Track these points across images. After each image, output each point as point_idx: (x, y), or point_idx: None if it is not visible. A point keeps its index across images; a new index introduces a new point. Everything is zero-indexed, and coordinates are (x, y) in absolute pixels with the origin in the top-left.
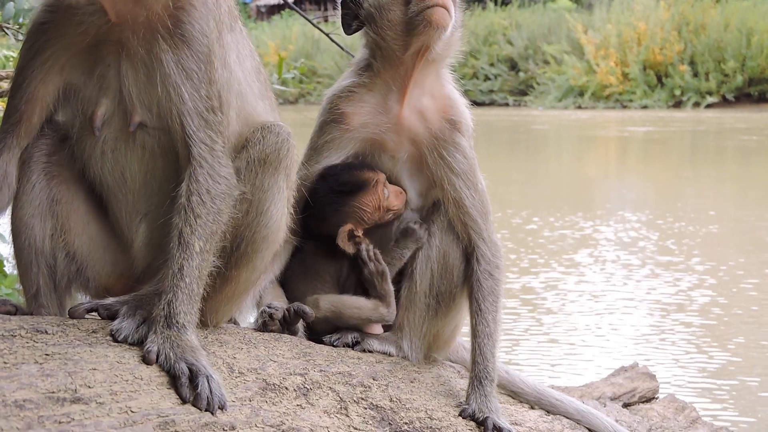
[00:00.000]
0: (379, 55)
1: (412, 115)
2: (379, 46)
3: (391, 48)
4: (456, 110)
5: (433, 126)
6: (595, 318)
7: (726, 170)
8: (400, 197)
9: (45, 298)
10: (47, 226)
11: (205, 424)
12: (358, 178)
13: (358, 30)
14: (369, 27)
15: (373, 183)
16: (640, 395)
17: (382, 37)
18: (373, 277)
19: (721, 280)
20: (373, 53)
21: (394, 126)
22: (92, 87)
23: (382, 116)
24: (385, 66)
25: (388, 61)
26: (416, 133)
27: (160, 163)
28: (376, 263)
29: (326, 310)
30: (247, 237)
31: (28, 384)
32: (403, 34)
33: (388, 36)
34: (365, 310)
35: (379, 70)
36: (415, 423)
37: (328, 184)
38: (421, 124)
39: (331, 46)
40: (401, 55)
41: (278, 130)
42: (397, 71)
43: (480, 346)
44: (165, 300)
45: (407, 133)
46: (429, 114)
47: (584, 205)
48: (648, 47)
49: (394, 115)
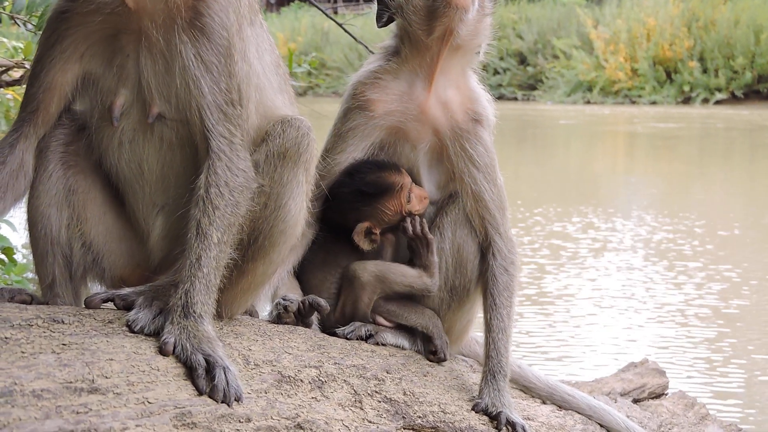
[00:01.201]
0: (406, 40)
1: (437, 105)
2: (406, 31)
3: (416, 33)
4: (480, 104)
5: (456, 118)
6: (605, 313)
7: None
8: (423, 202)
9: (60, 288)
10: (64, 215)
11: (222, 415)
12: (385, 181)
13: (389, 23)
14: (398, 15)
15: (398, 187)
16: (649, 391)
17: (408, 23)
18: (420, 248)
19: (731, 277)
20: (401, 39)
21: (419, 115)
22: (111, 77)
23: (407, 104)
24: (412, 52)
25: (415, 47)
26: (440, 124)
27: (178, 155)
28: (422, 236)
29: (371, 274)
30: (264, 230)
31: (46, 374)
32: (427, 18)
33: (413, 21)
34: (410, 277)
35: (406, 56)
36: (429, 417)
37: (353, 182)
38: (445, 115)
39: (341, 38)
40: (426, 39)
41: (299, 124)
42: (424, 58)
43: (494, 341)
44: (182, 290)
45: (431, 124)
46: (453, 106)
47: (595, 200)
48: (657, 43)
49: (419, 104)
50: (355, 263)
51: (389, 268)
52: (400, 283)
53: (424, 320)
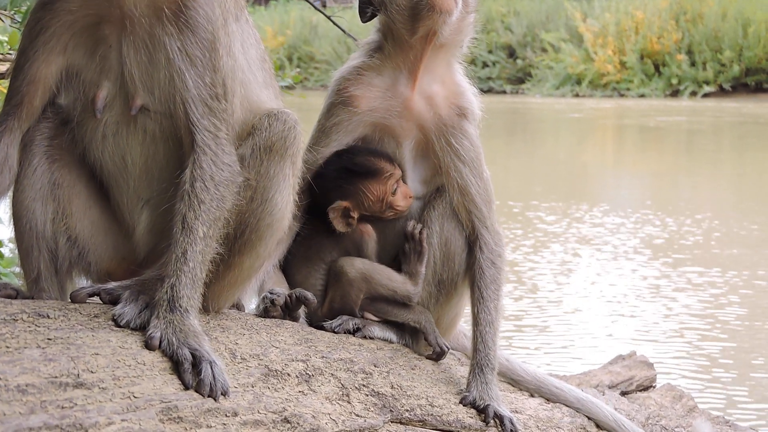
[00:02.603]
0: (390, 37)
1: (422, 101)
2: (389, 28)
3: (399, 31)
4: (465, 98)
5: (441, 113)
6: (593, 306)
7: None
8: (408, 200)
9: (46, 283)
10: (48, 210)
11: (208, 410)
12: (374, 164)
13: (373, 17)
14: (381, 11)
15: (386, 174)
16: (637, 384)
17: (392, 20)
18: (412, 254)
19: (719, 269)
20: (385, 36)
21: (403, 111)
22: (94, 68)
23: (391, 101)
24: (395, 49)
25: (399, 45)
26: (425, 120)
27: (162, 148)
28: (419, 241)
29: (358, 272)
30: (251, 224)
31: (31, 369)
32: (410, 19)
33: (396, 19)
34: (396, 282)
35: (390, 53)
36: (416, 410)
37: (341, 161)
38: (430, 110)
39: (330, 31)
40: (409, 39)
41: (285, 118)
42: (407, 55)
43: (482, 334)
44: (168, 284)
45: (416, 119)
46: (438, 100)
47: (583, 193)
48: (646, 36)
49: (403, 100)
50: (343, 259)
51: (376, 269)
52: (385, 286)
53: (415, 315)
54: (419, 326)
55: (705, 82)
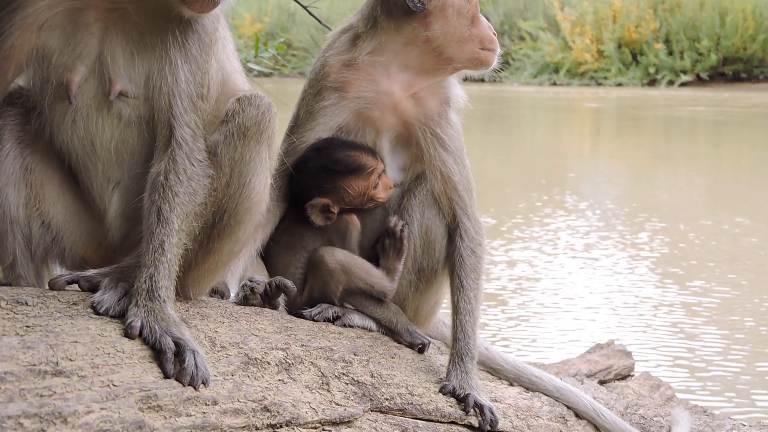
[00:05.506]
0: (384, 33)
1: (410, 98)
2: (389, 28)
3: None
4: (450, 88)
5: (428, 104)
6: (571, 295)
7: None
8: (388, 192)
9: (22, 268)
10: (21, 195)
11: (188, 398)
12: (355, 161)
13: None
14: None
15: (368, 170)
16: (615, 373)
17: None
18: (391, 250)
19: (696, 257)
20: (379, 28)
21: (390, 104)
22: (69, 53)
23: (380, 89)
24: (389, 42)
25: (393, 40)
26: (410, 115)
27: (135, 133)
28: (399, 238)
29: (338, 263)
30: (229, 209)
31: (9, 356)
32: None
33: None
34: (374, 277)
35: (384, 45)
36: (396, 399)
37: (320, 159)
38: (416, 105)
39: (307, 19)
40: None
41: (258, 102)
42: (400, 50)
43: (461, 323)
44: (147, 274)
45: (401, 114)
46: (424, 93)
47: (562, 181)
48: (623, 25)
49: (392, 93)
50: (323, 248)
51: (356, 262)
52: (363, 280)
53: (388, 314)
54: (392, 327)
55: (682, 71)
